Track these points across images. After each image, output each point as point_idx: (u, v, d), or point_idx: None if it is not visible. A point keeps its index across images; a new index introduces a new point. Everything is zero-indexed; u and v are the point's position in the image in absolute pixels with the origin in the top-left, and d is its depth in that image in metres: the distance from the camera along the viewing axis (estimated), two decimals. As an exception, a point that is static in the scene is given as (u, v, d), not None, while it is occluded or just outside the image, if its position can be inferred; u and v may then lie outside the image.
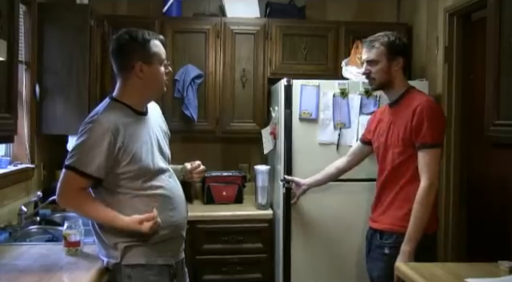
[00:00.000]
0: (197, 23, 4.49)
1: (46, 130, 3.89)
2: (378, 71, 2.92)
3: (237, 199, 4.42)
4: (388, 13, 4.98)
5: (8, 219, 3.23)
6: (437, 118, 2.77)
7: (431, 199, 2.72)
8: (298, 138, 3.88)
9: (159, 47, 2.56)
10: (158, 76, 2.54)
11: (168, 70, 2.60)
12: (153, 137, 2.55)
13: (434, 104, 2.82)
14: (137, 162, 2.41)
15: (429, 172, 2.72)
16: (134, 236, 2.40)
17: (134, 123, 2.48)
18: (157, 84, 2.56)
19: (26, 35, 3.71)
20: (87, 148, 2.37)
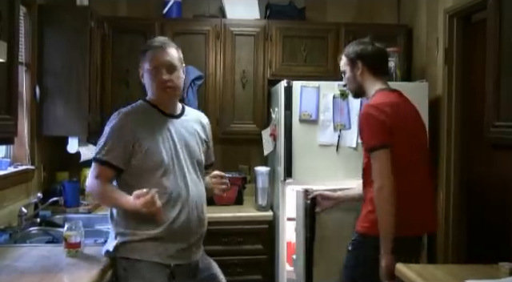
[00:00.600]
0: (197, 25, 4.50)
1: (46, 131, 3.89)
2: (346, 81, 3.01)
3: (237, 200, 4.42)
4: (388, 14, 4.98)
5: (8, 220, 3.23)
6: (370, 122, 2.73)
7: (383, 201, 2.66)
8: (298, 140, 3.88)
9: (152, 54, 2.68)
10: (149, 81, 2.68)
11: (162, 76, 2.63)
12: (176, 138, 2.66)
13: (369, 109, 2.76)
14: (149, 156, 2.56)
15: (376, 175, 2.71)
16: (133, 230, 2.53)
17: (155, 122, 2.66)
18: (152, 88, 2.68)
19: (26, 37, 3.71)
20: (108, 140, 2.60)
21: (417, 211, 2.76)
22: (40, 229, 3.35)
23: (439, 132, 4.04)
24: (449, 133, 3.98)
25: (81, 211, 3.83)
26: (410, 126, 2.84)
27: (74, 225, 2.64)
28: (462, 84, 3.96)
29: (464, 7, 3.75)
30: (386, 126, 2.69)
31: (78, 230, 2.63)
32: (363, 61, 2.90)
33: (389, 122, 2.69)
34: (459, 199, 3.97)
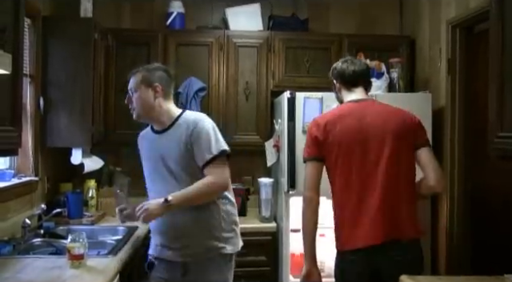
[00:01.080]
0: (200, 36, 4.52)
1: (49, 142, 3.89)
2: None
3: (240, 211, 4.37)
4: (390, 25, 4.99)
5: (12, 231, 3.23)
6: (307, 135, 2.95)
7: (305, 212, 2.84)
8: (301, 151, 3.83)
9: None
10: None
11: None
12: (157, 155, 2.92)
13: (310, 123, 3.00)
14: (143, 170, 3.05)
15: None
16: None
17: (147, 140, 3.05)
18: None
19: (31, 48, 3.73)
20: None
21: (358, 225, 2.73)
22: (43, 241, 3.35)
23: (443, 143, 4.04)
24: (452, 143, 3.97)
25: (84, 223, 3.83)
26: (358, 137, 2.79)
27: (77, 237, 2.64)
28: (465, 94, 3.96)
29: (466, 18, 3.76)
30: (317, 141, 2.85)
31: (82, 241, 2.63)
32: (336, 80, 3.05)
33: (321, 137, 2.83)
34: (463, 209, 3.95)
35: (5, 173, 3.45)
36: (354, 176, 2.76)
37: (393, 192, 2.74)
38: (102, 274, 2.54)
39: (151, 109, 2.91)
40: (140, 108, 2.91)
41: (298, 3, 4.90)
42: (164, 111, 2.94)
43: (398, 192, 2.75)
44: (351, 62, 3.02)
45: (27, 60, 3.66)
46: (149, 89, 2.90)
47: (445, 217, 3.98)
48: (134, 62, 4.33)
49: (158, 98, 2.92)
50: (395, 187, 2.75)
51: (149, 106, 2.91)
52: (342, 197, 2.80)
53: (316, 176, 2.82)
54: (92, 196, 4.22)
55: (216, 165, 2.84)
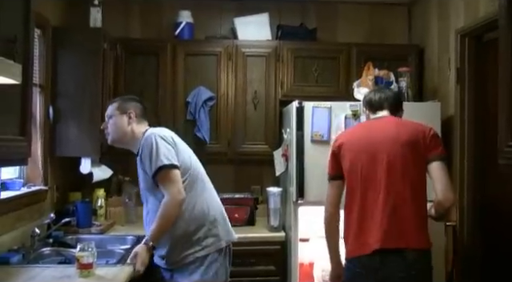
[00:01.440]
0: (209, 46, 4.53)
1: (59, 152, 3.91)
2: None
3: (249, 221, 4.40)
4: (399, 34, 4.99)
5: (21, 240, 3.24)
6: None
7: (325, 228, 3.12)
8: (309, 160, 3.87)
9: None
10: None
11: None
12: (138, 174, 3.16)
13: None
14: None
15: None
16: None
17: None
18: None
19: (41, 58, 3.76)
20: None
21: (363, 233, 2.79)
22: (52, 250, 3.36)
23: (452, 152, 4.02)
24: (462, 153, 3.95)
25: (93, 232, 3.84)
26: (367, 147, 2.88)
27: (86, 246, 2.64)
28: (474, 104, 3.95)
29: (475, 27, 3.75)
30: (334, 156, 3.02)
31: (91, 251, 2.64)
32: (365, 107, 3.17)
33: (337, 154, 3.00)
34: (473, 220, 3.93)
35: (14, 182, 3.47)
36: (360, 185, 2.82)
37: (399, 204, 2.74)
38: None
39: (124, 134, 3.12)
40: (114, 133, 3.14)
41: (307, 13, 4.91)
42: (136, 137, 3.11)
43: (406, 204, 2.74)
44: (379, 90, 3.16)
45: (37, 70, 3.69)
46: (123, 115, 3.11)
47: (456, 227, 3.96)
48: (142, 71, 4.38)
49: (132, 125, 3.12)
50: (402, 198, 2.75)
51: (122, 131, 3.12)
52: (348, 205, 2.90)
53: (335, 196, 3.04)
54: (101, 205, 4.23)
55: (161, 182, 2.95)
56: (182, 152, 3.08)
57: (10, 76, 2.03)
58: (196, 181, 3.10)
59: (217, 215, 3.12)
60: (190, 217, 3.00)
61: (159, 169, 2.90)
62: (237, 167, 4.80)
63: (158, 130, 3.10)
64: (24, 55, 2.37)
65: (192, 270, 2.98)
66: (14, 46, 2.22)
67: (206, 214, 3.06)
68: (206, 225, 3.04)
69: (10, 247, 3.07)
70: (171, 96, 4.42)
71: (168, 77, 4.40)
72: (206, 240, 3.03)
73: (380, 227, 2.71)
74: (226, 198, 4.39)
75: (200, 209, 3.05)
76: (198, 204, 3.06)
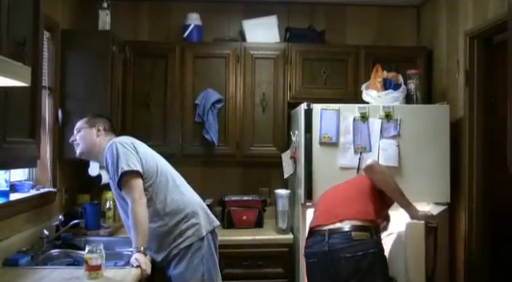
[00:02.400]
0: (217, 48, 4.54)
1: (67, 154, 3.91)
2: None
3: (257, 223, 4.40)
4: (408, 36, 4.98)
5: (30, 242, 3.25)
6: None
7: None
8: (318, 163, 3.87)
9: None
10: None
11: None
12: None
13: None
14: None
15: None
16: None
17: None
18: None
19: (50, 61, 3.77)
20: None
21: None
22: (61, 251, 3.37)
23: (461, 155, 4.01)
24: (471, 156, 3.93)
25: (101, 234, 3.84)
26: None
27: (94, 248, 2.65)
28: (483, 106, 3.93)
29: (484, 29, 3.73)
30: None
31: (99, 253, 2.65)
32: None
33: None
34: (482, 223, 3.90)
35: (23, 184, 3.48)
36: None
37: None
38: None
39: (93, 146, 3.25)
40: (83, 145, 3.26)
41: (315, 15, 4.91)
42: (103, 149, 3.19)
43: None
44: None
45: (46, 73, 3.71)
46: (92, 128, 3.26)
47: (464, 233, 3.94)
48: (151, 74, 4.39)
49: (100, 137, 3.26)
50: None
51: (91, 143, 3.25)
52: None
53: None
54: (109, 208, 4.23)
55: (123, 188, 3.07)
56: (144, 157, 3.19)
57: (20, 79, 2.03)
58: (166, 181, 3.22)
59: (195, 208, 3.25)
60: (167, 215, 3.16)
61: (121, 176, 3.03)
62: (245, 169, 4.81)
63: (118, 138, 3.24)
64: (33, 58, 2.38)
65: (178, 261, 3.13)
66: (23, 48, 2.23)
67: (182, 209, 3.20)
68: (184, 219, 3.18)
69: (19, 249, 3.08)
70: (179, 98, 4.42)
71: (176, 79, 4.41)
72: (187, 232, 3.17)
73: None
74: (234, 200, 4.42)
75: (175, 206, 3.19)
76: (172, 201, 3.19)
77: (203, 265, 3.16)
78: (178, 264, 3.13)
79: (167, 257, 3.14)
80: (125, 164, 3.03)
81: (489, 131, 3.89)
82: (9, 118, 2.23)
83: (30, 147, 2.45)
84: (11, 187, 3.31)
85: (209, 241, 3.23)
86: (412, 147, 3.83)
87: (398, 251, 3.41)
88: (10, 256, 2.94)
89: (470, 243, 3.91)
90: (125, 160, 3.05)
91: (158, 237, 3.13)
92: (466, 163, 3.95)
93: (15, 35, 2.21)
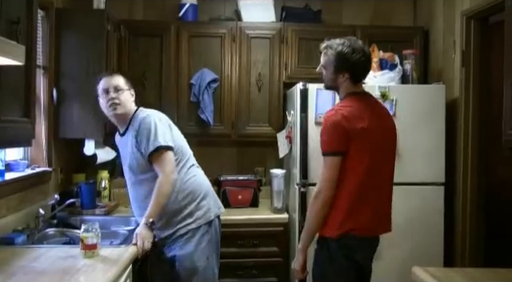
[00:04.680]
0: (213, 27, 4.51)
1: (62, 134, 3.91)
2: (325, 77, 2.92)
3: (252, 202, 4.42)
4: (404, 16, 4.96)
5: (26, 221, 3.26)
6: (328, 128, 2.72)
7: (315, 205, 2.71)
8: (313, 142, 3.87)
9: (100, 84, 3.21)
10: (101, 106, 3.22)
11: (108, 96, 3.16)
12: (122, 153, 3.34)
13: (332, 115, 2.74)
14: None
15: (319, 180, 2.74)
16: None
17: (117, 141, 3.41)
18: (104, 111, 3.23)
19: (44, 40, 3.75)
20: None
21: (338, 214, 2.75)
22: (57, 231, 3.38)
23: (456, 135, 4.02)
24: (466, 136, 3.95)
25: (97, 213, 3.86)
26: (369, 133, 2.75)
27: (90, 227, 2.66)
28: (479, 86, 3.93)
29: (481, 9, 3.72)
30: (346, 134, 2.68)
31: (95, 232, 2.66)
32: (350, 72, 2.83)
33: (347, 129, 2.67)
34: (477, 202, 3.93)
35: (19, 164, 3.48)
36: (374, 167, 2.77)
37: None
38: (116, 264, 2.56)
39: (129, 110, 3.23)
40: (124, 106, 3.19)
41: (311, -6, 4.89)
42: (130, 115, 3.24)
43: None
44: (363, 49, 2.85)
45: (40, 52, 3.68)
46: (130, 90, 3.26)
47: (459, 211, 3.97)
48: (146, 53, 4.37)
49: (132, 102, 3.27)
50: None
51: (129, 106, 3.23)
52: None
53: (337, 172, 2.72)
54: (105, 187, 4.24)
55: (158, 158, 3.09)
56: (175, 135, 3.27)
57: (14, 57, 2.02)
58: (186, 161, 3.28)
59: (206, 191, 3.31)
60: (182, 193, 3.19)
61: (156, 149, 3.05)
62: (240, 148, 4.82)
63: (154, 112, 3.25)
64: (27, 37, 2.37)
65: (185, 241, 3.17)
66: (17, 27, 2.22)
67: (195, 189, 3.24)
68: (196, 200, 3.23)
69: (15, 228, 3.08)
70: (175, 78, 4.41)
71: (172, 59, 4.39)
72: (197, 213, 3.21)
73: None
74: (230, 180, 4.43)
75: (190, 186, 3.23)
76: (189, 181, 3.24)
77: (209, 249, 3.22)
78: (186, 245, 3.16)
79: (172, 235, 3.17)
80: (162, 139, 3.07)
81: (484, 112, 3.90)
82: (3, 97, 2.22)
83: (24, 127, 2.44)
84: (6, 166, 3.30)
85: (215, 226, 3.31)
86: (407, 127, 3.83)
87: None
88: (6, 235, 2.95)
89: (465, 222, 3.94)
90: (162, 135, 3.09)
91: (168, 214, 3.14)
92: (462, 143, 3.97)
93: (9, 14, 2.19)
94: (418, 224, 3.88)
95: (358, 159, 2.69)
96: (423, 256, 3.76)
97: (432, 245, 3.90)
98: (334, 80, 2.86)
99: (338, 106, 2.81)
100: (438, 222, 3.92)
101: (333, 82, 2.88)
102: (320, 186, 2.70)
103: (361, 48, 2.82)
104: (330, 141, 2.70)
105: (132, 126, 3.18)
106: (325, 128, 2.73)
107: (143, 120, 3.12)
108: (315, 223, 2.75)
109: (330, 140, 2.70)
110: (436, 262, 3.81)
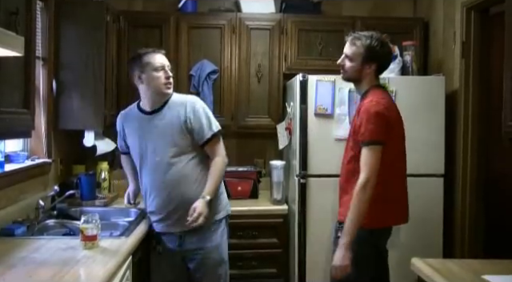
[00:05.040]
0: (212, 19, 4.50)
1: (62, 125, 3.91)
2: (350, 67, 2.99)
3: (252, 194, 4.43)
4: (404, 7, 4.95)
5: (26, 213, 3.26)
6: (374, 117, 2.79)
7: (366, 194, 2.74)
8: (313, 134, 3.87)
9: (153, 57, 3.16)
10: (152, 80, 3.13)
11: (166, 74, 3.16)
12: (152, 132, 3.17)
13: (375, 105, 2.83)
14: (131, 150, 3.33)
15: (366, 169, 2.77)
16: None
17: (135, 120, 3.27)
18: (153, 87, 3.15)
19: (43, 31, 3.73)
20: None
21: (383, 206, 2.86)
22: (57, 222, 3.38)
23: (456, 127, 4.02)
24: (465, 128, 3.95)
25: (97, 204, 3.86)
26: (398, 122, 2.97)
27: (90, 218, 2.66)
28: (479, 78, 3.93)
29: (482, 0, 3.71)
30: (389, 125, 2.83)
31: (95, 223, 2.66)
32: (378, 63, 2.97)
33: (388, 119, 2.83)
34: (476, 193, 3.94)
35: (19, 155, 3.48)
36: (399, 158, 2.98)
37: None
38: (115, 255, 2.56)
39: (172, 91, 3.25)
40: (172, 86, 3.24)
41: (311, -15, 4.87)
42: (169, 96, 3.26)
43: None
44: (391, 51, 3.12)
45: (39, 43, 3.67)
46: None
47: (458, 202, 3.97)
48: (145, 44, 4.32)
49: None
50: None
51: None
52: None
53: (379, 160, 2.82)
54: (104, 178, 4.25)
55: (216, 142, 3.22)
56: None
57: (13, 48, 2.02)
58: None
59: (222, 184, 3.37)
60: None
61: (215, 134, 3.20)
62: (240, 140, 4.81)
63: (197, 98, 3.36)
64: (26, 28, 2.36)
65: (212, 233, 3.21)
66: (16, 18, 2.21)
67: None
68: (219, 190, 3.27)
69: (15, 219, 3.08)
70: (174, 69, 4.36)
71: (171, 50, 4.37)
72: (221, 204, 3.30)
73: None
74: (230, 171, 4.42)
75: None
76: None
77: (227, 243, 3.36)
78: (213, 236, 3.22)
79: (201, 227, 3.09)
80: (215, 125, 3.23)
81: (484, 103, 3.90)
82: (2, 88, 2.21)
83: (24, 118, 2.44)
84: (6, 157, 3.30)
85: (228, 222, 3.40)
86: (407, 118, 3.80)
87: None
88: (5, 226, 2.95)
89: (465, 214, 3.95)
90: (214, 120, 3.24)
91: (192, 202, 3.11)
92: (461, 134, 3.97)
93: (8, 5, 2.18)
94: (417, 216, 3.87)
95: (391, 149, 2.84)
96: (423, 248, 3.77)
97: (431, 236, 3.91)
98: (360, 71, 2.97)
99: (375, 97, 2.89)
100: (438, 213, 3.93)
101: (358, 73, 2.98)
102: (367, 175, 2.76)
103: (386, 42, 2.99)
104: (376, 130, 2.79)
105: (170, 107, 3.18)
106: (368, 118, 2.80)
107: (195, 104, 3.19)
108: (363, 214, 2.77)
109: (376, 129, 2.79)
110: (435, 253, 3.82)
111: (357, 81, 3.02)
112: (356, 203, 2.76)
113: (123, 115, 3.41)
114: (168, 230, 3.20)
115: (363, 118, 2.81)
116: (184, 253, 3.21)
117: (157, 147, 3.15)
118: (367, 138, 2.79)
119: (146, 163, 3.21)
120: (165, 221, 3.19)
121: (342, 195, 3.03)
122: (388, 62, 3.08)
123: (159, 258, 3.24)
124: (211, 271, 3.21)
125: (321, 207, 3.88)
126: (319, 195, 3.87)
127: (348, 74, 3.02)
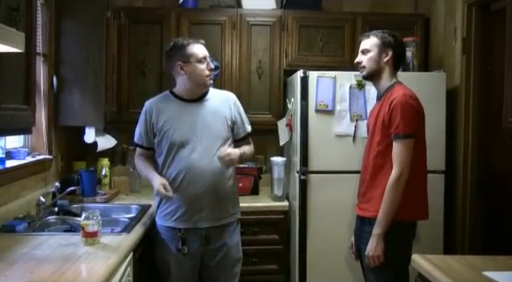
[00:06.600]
0: (213, 15, 4.49)
1: (63, 121, 3.91)
2: (368, 59, 3.03)
3: (253, 190, 4.42)
4: (405, 4, 4.94)
5: (27, 209, 3.26)
6: (409, 111, 2.85)
7: (399, 188, 2.80)
8: (314, 130, 3.87)
9: (196, 49, 3.16)
10: (195, 72, 3.12)
11: (209, 66, 3.16)
12: (195, 119, 3.14)
13: (408, 98, 2.88)
14: (167, 135, 3.12)
15: (399, 162, 2.82)
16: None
17: (174, 106, 3.19)
18: (196, 78, 3.13)
19: (44, 27, 3.73)
20: (138, 125, 3.26)
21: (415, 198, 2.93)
22: (58, 218, 3.38)
23: (456, 123, 4.01)
24: (466, 123, 3.94)
25: (98, 201, 3.86)
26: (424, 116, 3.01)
27: (91, 214, 2.66)
28: (480, 74, 3.92)
29: (483, -4, 3.71)
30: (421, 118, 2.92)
31: (96, 219, 2.66)
32: (394, 50, 3.01)
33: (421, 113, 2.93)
34: (477, 190, 3.94)
35: (19, 151, 3.48)
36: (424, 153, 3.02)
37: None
38: (116, 251, 2.56)
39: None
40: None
41: (312, -19, 4.86)
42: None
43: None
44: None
45: (40, 39, 3.66)
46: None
47: (459, 198, 3.97)
48: (146, 40, 4.36)
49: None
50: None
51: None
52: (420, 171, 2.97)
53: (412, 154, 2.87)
54: (105, 175, 4.25)
55: (250, 138, 3.41)
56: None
57: (13, 45, 2.02)
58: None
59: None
60: (233, 179, 3.28)
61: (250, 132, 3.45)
62: (241, 136, 4.80)
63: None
64: (27, 24, 2.36)
65: (233, 231, 3.25)
66: (16, 14, 2.21)
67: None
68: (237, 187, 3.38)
69: (16, 216, 3.09)
70: (175, 66, 4.39)
71: (172, 46, 4.37)
72: (239, 204, 3.36)
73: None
74: (230, 167, 4.42)
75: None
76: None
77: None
78: (233, 234, 3.25)
79: (226, 225, 3.20)
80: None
81: (485, 99, 3.90)
82: (3, 84, 2.21)
83: (24, 114, 2.44)
84: (7, 154, 3.31)
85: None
86: (408, 114, 3.83)
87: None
88: (6, 223, 2.95)
89: (465, 210, 3.95)
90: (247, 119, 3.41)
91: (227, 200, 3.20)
92: (462, 130, 3.96)
93: (8, 1, 2.18)
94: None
95: (420, 142, 2.91)
96: (423, 244, 3.76)
97: (432, 233, 3.90)
98: (378, 62, 3.02)
99: (406, 91, 2.95)
100: (439, 209, 3.92)
101: (376, 64, 3.02)
102: (401, 168, 2.81)
103: (397, 35, 3.09)
104: (410, 123, 2.84)
105: (211, 99, 3.24)
106: (403, 111, 2.83)
107: (236, 100, 3.33)
108: (396, 207, 2.81)
109: (410, 123, 2.84)
110: (436, 249, 3.82)
111: (376, 75, 3.05)
112: (391, 196, 2.81)
113: (154, 102, 3.25)
114: (194, 225, 3.11)
115: (397, 111, 2.84)
116: (207, 252, 3.18)
117: (203, 135, 3.12)
118: (401, 131, 2.83)
119: (187, 148, 3.10)
120: (194, 215, 3.11)
121: (366, 190, 3.02)
122: (403, 52, 3.13)
123: (181, 259, 3.14)
124: (230, 268, 3.22)
125: (321, 203, 3.88)
126: (320, 191, 3.87)
127: (367, 68, 3.05)
